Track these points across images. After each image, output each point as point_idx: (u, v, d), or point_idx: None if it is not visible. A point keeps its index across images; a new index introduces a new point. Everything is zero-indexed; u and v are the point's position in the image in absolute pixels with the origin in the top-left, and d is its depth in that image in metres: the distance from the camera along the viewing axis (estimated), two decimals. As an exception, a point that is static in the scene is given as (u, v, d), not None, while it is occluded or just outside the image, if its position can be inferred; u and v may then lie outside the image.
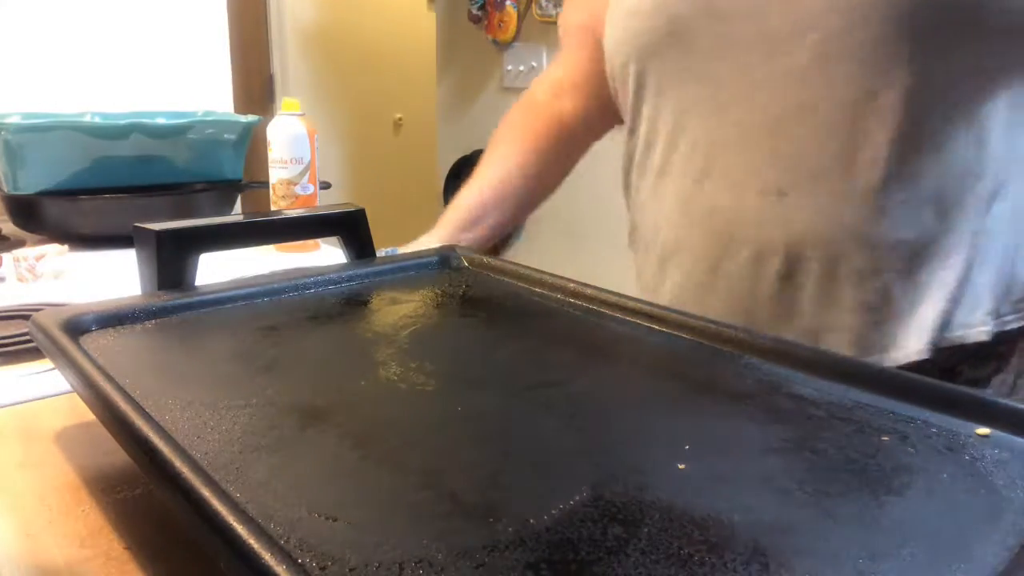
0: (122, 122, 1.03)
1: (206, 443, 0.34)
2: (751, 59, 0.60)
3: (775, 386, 0.43)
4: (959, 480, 0.33)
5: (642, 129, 0.71)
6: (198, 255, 0.55)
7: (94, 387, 0.37)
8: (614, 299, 0.54)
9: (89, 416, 0.39)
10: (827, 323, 0.61)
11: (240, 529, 0.26)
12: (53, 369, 0.52)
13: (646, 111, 0.69)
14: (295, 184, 1.01)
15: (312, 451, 0.34)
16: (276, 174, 1.01)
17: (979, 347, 0.59)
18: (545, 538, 0.28)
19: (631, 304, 0.53)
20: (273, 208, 1.03)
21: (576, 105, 0.86)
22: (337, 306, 0.55)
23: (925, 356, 0.59)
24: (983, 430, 0.37)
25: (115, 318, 0.48)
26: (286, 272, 0.61)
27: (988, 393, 0.39)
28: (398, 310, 0.55)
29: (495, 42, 2.42)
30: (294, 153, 1.00)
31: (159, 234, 0.53)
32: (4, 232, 1.04)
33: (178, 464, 0.30)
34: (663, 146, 0.68)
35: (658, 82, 0.67)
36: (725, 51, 0.61)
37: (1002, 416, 0.37)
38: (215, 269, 0.59)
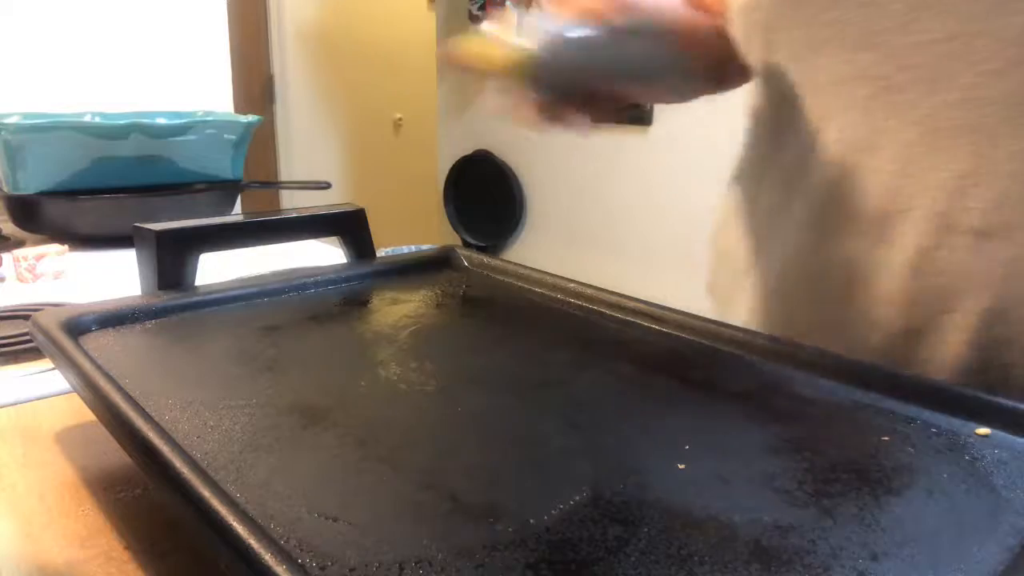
0: (122, 122, 1.03)
1: (206, 443, 0.34)
2: (954, 16, 0.40)
3: (775, 386, 0.43)
4: (959, 480, 0.33)
5: (764, 114, 0.53)
6: (198, 255, 0.55)
7: (94, 387, 0.37)
8: (614, 299, 0.54)
9: (89, 416, 0.39)
10: None
11: (240, 529, 0.26)
12: (53, 369, 0.52)
13: (771, 93, 0.51)
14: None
15: (312, 451, 0.34)
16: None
17: None
18: (545, 538, 0.28)
19: (631, 304, 0.53)
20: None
21: None
22: (337, 306, 0.55)
23: None
24: (983, 430, 0.37)
25: (115, 318, 0.48)
26: (286, 272, 0.61)
27: (988, 393, 0.39)
28: (398, 310, 0.55)
29: (495, 42, 2.42)
30: None
31: (159, 234, 0.53)
32: (4, 232, 1.04)
33: (178, 464, 0.30)
34: (794, 144, 0.49)
35: (792, 45, 0.47)
36: (903, 1, 0.41)
37: (1002, 416, 0.37)
38: (215, 269, 0.59)
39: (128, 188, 1.05)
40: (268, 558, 0.24)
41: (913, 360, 0.45)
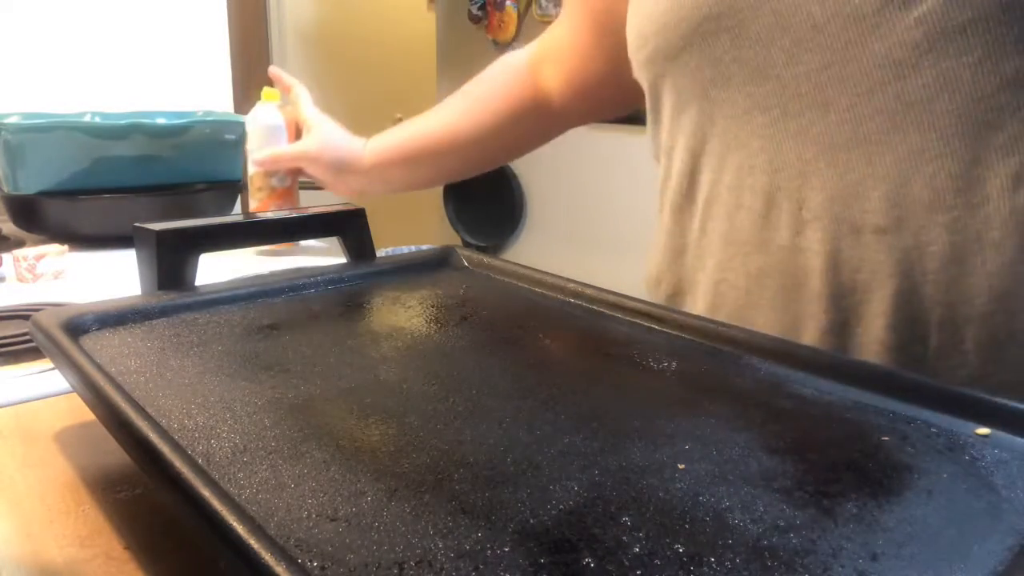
0: (122, 122, 1.04)
1: (206, 443, 0.34)
2: (826, 49, 0.45)
3: (775, 386, 0.43)
4: (959, 480, 0.33)
5: (680, 146, 0.56)
6: (198, 255, 0.55)
7: (94, 387, 0.37)
8: (614, 299, 0.54)
9: (89, 416, 0.39)
10: None
11: (240, 529, 0.26)
12: (53, 369, 0.52)
13: (684, 122, 0.55)
14: (271, 176, 0.96)
15: (312, 451, 0.34)
16: (252, 166, 0.97)
17: None
18: (545, 538, 0.28)
19: (631, 304, 0.53)
20: (252, 202, 0.99)
21: (554, 79, 0.75)
22: (337, 306, 0.55)
23: None
24: (983, 430, 0.37)
25: (115, 318, 0.48)
26: (286, 272, 0.61)
27: (988, 393, 0.39)
28: (398, 310, 0.55)
29: (495, 42, 2.42)
30: (271, 145, 0.95)
31: (159, 234, 0.53)
32: (4, 232, 1.04)
33: (178, 464, 0.30)
34: (709, 170, 0.54)
35: (697, 85, 0.52)
36: (787, 39, 0.47)
37: (1002, 416, 0.37)
38: (215, 269, 0.59)
39: (128, 188, 1.05)
40: (268, 558, 0.24)
41: (845, 349, 0.50)
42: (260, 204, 0.98)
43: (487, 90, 0.80)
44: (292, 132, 0.97)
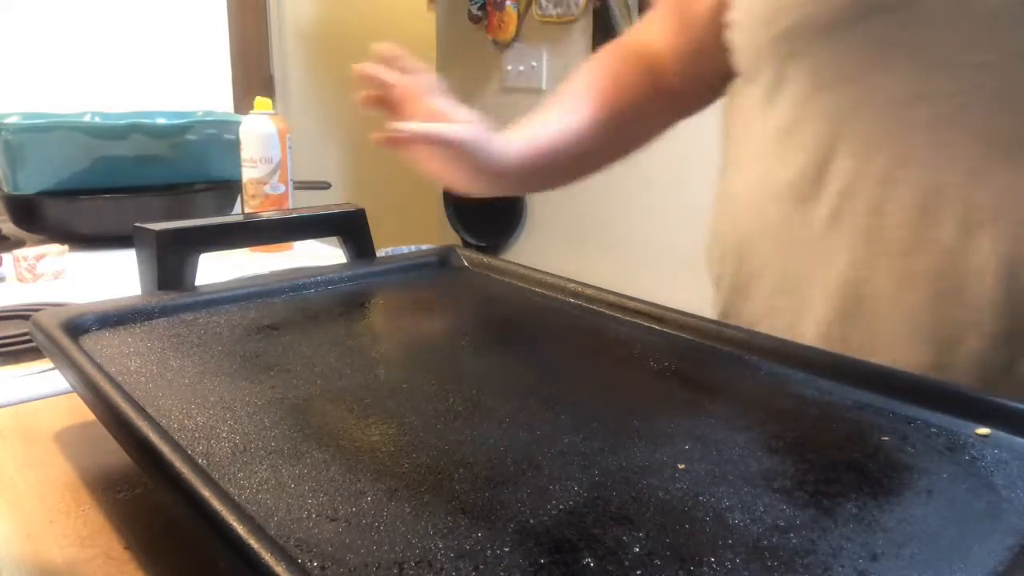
0: (122, 122, 1.04)
1: (206, 443, 0.34)
2: (1010, 39, 0.42)
3: (775, 386, 0.43)
4: (959, 480, 0.33)
5: (808, 131, 0.51)
6: (198, 255, 0.55)
7: (94, 387, 0.37)
8: (614, 299, 0.54)
9: (89, 416, 0.39)
10: None
11: (240, 529, 0.26)
12: (53, 369, 0.52)
13: (818, 105, 0.50)
14: (264, 184, 1.01)
15: (312, 451, 0.34)
16: (246, 173, 1.02)
17: None
18: (545, 538, 0.28)
19: (631, 304, 0.53)
20: (245, 209, 1.03)
21: (667, 70, 0.69)
22: (337, 306, 0.55)
23: None
24: (983, 430, 0.37)
25: (115, 318, 0.49)
26: (286, 272, 0.61)
27: (988, 393, 0.39)
28: (398, 310, 0.55)
29: (495, 42, 2.42)
30: (263, 152, 1.00)
31: (159, 234, 0.53)
32: (4, 232, 1.04)
33: (178, 464, 0.30)
34: (847, 158, 0.49)
35: (847, 66, 0.48)
36: (967, 24, 0.43)
37: (1002, 416, 0.37)
38: (215, 269, 0.59)
39: (128, 188, 1.05)
40: (268, 558, 0.24)
41: (1017, 360, 0.45)
42: (254, 211, 1.01)
43: (610, 81, 0.71)
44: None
